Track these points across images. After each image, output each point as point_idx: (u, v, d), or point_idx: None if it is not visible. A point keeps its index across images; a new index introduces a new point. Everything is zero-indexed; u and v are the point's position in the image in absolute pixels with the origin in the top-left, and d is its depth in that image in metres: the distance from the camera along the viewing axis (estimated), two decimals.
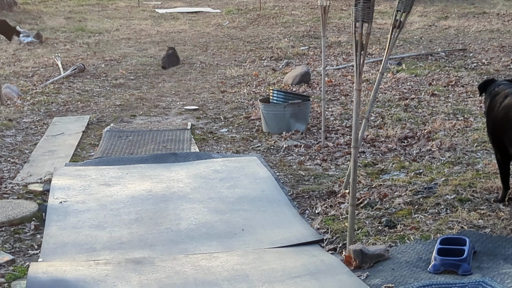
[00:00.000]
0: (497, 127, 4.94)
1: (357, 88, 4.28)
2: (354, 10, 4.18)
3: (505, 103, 4.83)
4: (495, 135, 5.02)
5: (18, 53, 12.79)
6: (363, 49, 4.21)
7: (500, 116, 4.85)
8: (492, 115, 4.97)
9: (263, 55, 12.36)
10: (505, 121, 4.81)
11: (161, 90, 9.90)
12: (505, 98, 4.87)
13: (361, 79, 4.28)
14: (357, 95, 4.27)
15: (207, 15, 19.22)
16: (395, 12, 4.71)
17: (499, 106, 4.88)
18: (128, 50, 13.18)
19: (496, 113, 4.90)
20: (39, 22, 17.22)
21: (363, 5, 4.14)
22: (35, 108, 8.67)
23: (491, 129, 5.06)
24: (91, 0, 23.02)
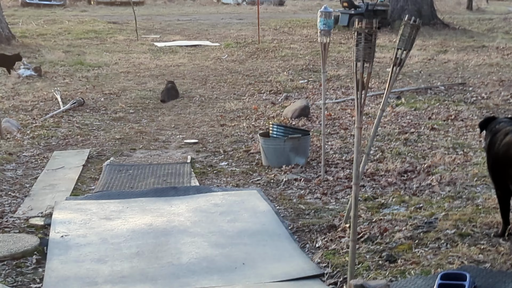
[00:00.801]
0: (497, 164, 4.99)
1: (358, 126, 4.31)
2: (355, 50, 4.22)
3: (505, 141, 4.89)
4: (495, 171, 5.06)
5: (17, 86, 12.84)
6: (364, 88, 4.25)
7: (501, 153, 4.91)
8: (493, 152, 5.03)
9: (262, 88, 12.43)
10: (505, 158, 4.86)
11: (160, 124, 9.94)
12: (505, 135, 4.92)
13: (362, 117, 4.30)
14: (358, 133, 4.30)
15: (206, 48, 19.36)
16: (396, 50, 4.77)
17: (500, 143, 4.94)
18: (127, 84, 13.24)
19: (497, 150, 4.96)
20: (37, 55, 17.31)
21: (364, 45, 4.18)
22: (35, 142, 8.69)
23: (492, 166, 5.11)
24: (90, 34, 23.21)
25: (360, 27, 4.23)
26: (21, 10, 37.09)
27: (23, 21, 28.10)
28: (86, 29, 25.01)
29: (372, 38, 4.19)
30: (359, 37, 4.21)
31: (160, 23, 28.33)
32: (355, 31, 4.25)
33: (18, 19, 28.52)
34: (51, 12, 33.99)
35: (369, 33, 4.19)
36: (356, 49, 4.24)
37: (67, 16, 32.00)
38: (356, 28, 4.24)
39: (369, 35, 4.19)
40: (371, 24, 4.22)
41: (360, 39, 4.20)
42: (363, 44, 4.20)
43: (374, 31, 4.18)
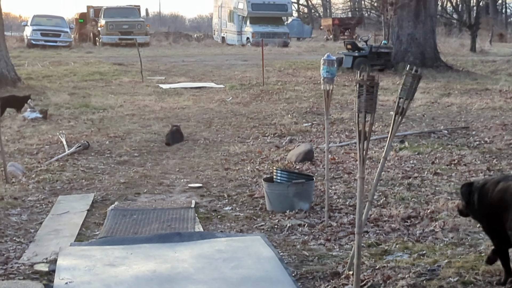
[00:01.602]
0: (492, 212, 5.02)
1: (360, 176, 4.36)
2: (357, 101, 4.29)
3: (499, 188, 4.96)
4: (491, 222, 5.10)
5: (22, 129, 12.93)
6: (366, 138, 4.31)
7: (495, 200, 4.98)
8: (486, 202, 5.08)
9: (266, 131, 12.50)
10: (501, 203, 4.91)
11: (165, 167, 9.99)
12: (497, 184, 5.01)
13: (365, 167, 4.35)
14: (360, 183, 4.35)
15: (211, 90, 19.50)
16: (398, 99, 4.83)
17: (492, 192, 5.01)
18: (132, 127, 13.32)
19: (491, 199, 5.02)
20: (43, 98, 17.46)
21: (366, 96, 4.25)
22: (40, 186, 8.74)
23: (487, 217, 5.15)
24: (95, 75, 23.42)
25: (361, 79, 4.31)
26: (27, 51, 37.44)
27: (28, 62, 28.37)
28: (91, 70, 25.24)
29: (373, 90, 4.26)
30: (360, 89, 4.28)
31: (165, 65, 28.57)
32: (357, 83, 4.32)
33: (24, 60, 28.79)
34: (57, 53, 34.28)
35: (370, 85, 4.26)
36: (358, 101, 4.31)
37: (73, 57, 32.30)
38: (358, 80, 4.32)
39: (370, 87, 4.26)
40: (373, 76, 4.29)
41: (362, 90, 4.27)
42: (365, 96, 4.28)
43: (376, 83, 4.25)
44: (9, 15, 67.25)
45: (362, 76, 4.28)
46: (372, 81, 4.25)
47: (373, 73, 4.33)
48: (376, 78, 4.26)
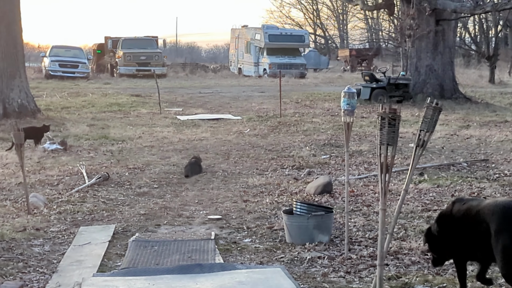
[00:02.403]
0: (457, 233, 5.47)
1: (382, 208, 4.40)
2: (379, 134, 4.34)
3: (462, 211, 5.42)
4: (455, 242, 5.55)
5: (43, 160, 13.04)
6: (388, 171, 4.35)
7: (460, 221, 5.43)
8: (450, 227, 5.55)
9: (284, 163, 12.54)
10: (465, 222, 5.35)
11: (184, 199, 10.04)
12: (458, 210, 5.42)
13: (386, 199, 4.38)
14: (382, 215, 4.38)
15: (228, 122, 19.61)
16: (419, 131, 4.87)
17: (454, 217, 5.49)
18: (151, 158, 13.40)
19: (455, 222, 5.49)
20: (62, 129, 17.61)
21: (388, 129, 4.30)
22: (61, 217, 8.81)
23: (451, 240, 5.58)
24: (113, 107, 23.61)
25: (384, 111, 4.36)
26: (45, 82, 37.81)
27: (47, 93, 28.65)
28: (109, 102, 25.46)
29: (395, 122, 4.31)
30: (383, 122, 4.33)
31: (182, 96, 28.76)
32: (379, 116, 4.37)
33: (43, 92, 29.08)
34: (75, 85, 34.62)
35: (392, 118, 4.31)
36: (380, 133, 4.36)
37: (91, 88, 32.59)
38: (380, 112, 4.37)
39: (392, 120, 4.31)
40: (395, 109, 4.34)
41: (384, 123, 4.32)
42: (387, 129, 4.32)
43: (398, 116, 4.30)
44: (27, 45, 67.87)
45: (384, 109, 4.33)
46: (394, 114, 4.30)
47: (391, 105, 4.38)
48: (398, 111, 4.31)
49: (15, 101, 18.95)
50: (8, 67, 18.91)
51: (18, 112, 18.76)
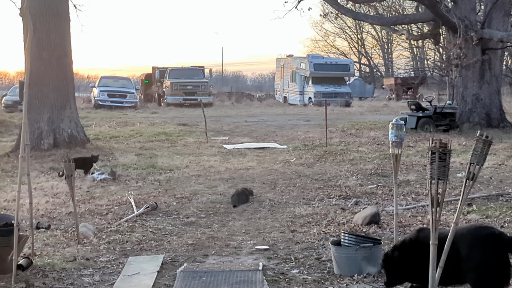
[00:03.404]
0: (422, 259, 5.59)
1: (433, 243, 4.37)
2: (430, 168, 4.33)
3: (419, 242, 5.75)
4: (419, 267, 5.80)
5: (92, 190, 13.22)
6: (439, 205, 4.33)
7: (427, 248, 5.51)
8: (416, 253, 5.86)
9: (331, 193, 12.51)
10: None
11: (231, 229, 10.07)
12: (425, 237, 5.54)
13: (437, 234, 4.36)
14: (433, 249, 4.36)
15: (274, 151, 19.64)
16: (469, 164, 4.85)
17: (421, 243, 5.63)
18: (198, 187, 13.49)
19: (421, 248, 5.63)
20: (111, 158, 17.82)
21: (438, 164, 4.29)
22: (110, 247, 8.91)
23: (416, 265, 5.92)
24: (161, 136, 23.86)
25: (434, 146, 4.35)
26: (94, 112, 38.41)
27: (96, 123, 29.08)
28: (157, 131, 25.73)
29: (446, 157, 4.30)
30: (433, 156, 4.32)
31: (228, 125, 28.94)
32: (429, 150, 4.37)
33: (92, 121, 29.55)
34: (123, 114, 35.08)
35: (443, 152, 4.30)
36: (431, 167, 4.35)
37: (138, 118, 33.00)
38: (430, 147, 4.37)
39: (443, 154, 4.30)
40: (445, 143, 4.34)
41: (434, 158, 4.31)
42: (437, 163, 4.31)
43: (448, 150, 4.29)
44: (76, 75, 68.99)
45: (434, 143, 4.32)
46: (444, 148, 4.29)
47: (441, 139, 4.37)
48: (449, 145, 4.30)
49: (65, 131, 19.26)
50: (58, 98, 19.26)
51: (68, 142, 19.06)
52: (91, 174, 14.52)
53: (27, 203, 8.75)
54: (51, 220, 10.53)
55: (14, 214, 7.63)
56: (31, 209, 8.33)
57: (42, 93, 18.84)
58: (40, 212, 11.07)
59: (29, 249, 8.37)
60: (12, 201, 11.84)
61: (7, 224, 7.71)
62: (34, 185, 12.34)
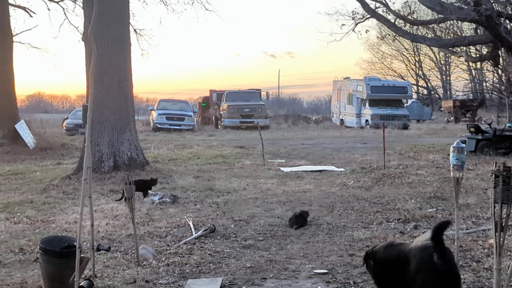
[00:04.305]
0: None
1: (497, 268, 4.31)
2: (493, 192, 4.28)
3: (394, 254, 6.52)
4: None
5: (151, 212, 13.35)
6: (503, 230, 4.27)
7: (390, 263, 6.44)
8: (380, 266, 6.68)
9: (390, 216, 12.41)
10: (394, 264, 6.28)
11: (289, 252, 10.05)
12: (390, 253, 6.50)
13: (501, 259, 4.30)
14: (497, 275, 4.30)
15: (331, 173, 19.58)
16: None
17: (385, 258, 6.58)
18: (255, 210, 13.51)
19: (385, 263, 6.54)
20: (169, 181, 17.98)
21: (502, 187, 4.23)
22: (169, 269, 8.97)
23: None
24: (218, 158, 24.00)
25: (498, 169, 4.30)
26: (153, 134, 38.89)
27: (155, 145, 29.42)
28: (214, 153, 25.91)
29: (510, 180, 4.24)
30: (496, 180, 4.26)
31: (285, 147, 28.97)
32: (492, 174, 4.31)
33: (150, 144, 29.92)
34: (181, 137, 35.42)
35: (507, 176, 4.24)
36: (494, 191, 4.29)
37: (196, 140, 33.28)
38: (494, 170, 4.31)
39: (507, 178, 4.24)
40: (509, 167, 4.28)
41: (498, 181, 4.25)
42: (501, 187, 4.25)
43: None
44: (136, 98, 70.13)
45: (498, 167, 4.27)
46: (508, 172, 4.23)
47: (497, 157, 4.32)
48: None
49: (125, 154, 19.51)
50: (119, 121, 19.55)
51: (127, 165, 19.29)
52: (150, 197, 14.67)
53: (88, 225, 8.89)
54: (111, 242, 10.67)
55: (76, 236, 7.76)
56: (92, 231, 8.46)
57: (103, 116, 19.15)
58: (101, 234, 11.22)
59: (90, 271, 8.48)
60: (74, 223, 12.06)
61: (68, 246, 7.85)
62: (94, 207, 12.52)
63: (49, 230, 11.81)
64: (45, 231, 11.63)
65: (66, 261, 7.64)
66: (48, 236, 9.78)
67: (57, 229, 11.88)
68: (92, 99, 8.48)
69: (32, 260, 9.55)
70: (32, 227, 12.17)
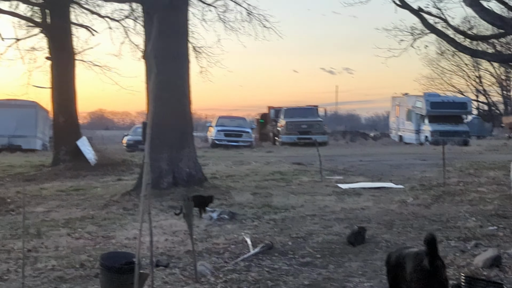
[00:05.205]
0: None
1: None
2: None
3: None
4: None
5: (209, 229, 13.42)
6: None
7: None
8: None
9: (450, 235, 12.22)
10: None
11: (348, 270, 9.98)
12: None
13: None
14: None
15: (390, 190, 19.40)
16: None
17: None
18: (313, 227, 13.46)
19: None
20: (227, 197, 18.05)
21: None
22: (227, 286, 9.00)
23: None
24: (276, 175, 24.02)
25: None
26: (211, 151, 39.17)
27: (213, 162, 29.59)
28: (272, 170, 25.95)
29: None
30: None
31: (343, 164, 28.86)
32: None
33: (208, 160, 30.10)
34: (239, 153, 35.59)
35: None
36: None
37: (254, 157, 33.39)
38: None
39: None
40: None
41: None
42: None
43: None
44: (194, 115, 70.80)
45: None
46: None
47: None
48: None
49: (184, 170, 19.67)
50: (177, 138, 19.74)
51: (186, 181, 19.43)
52: (208, 213, 14.74)
53: (147, 241, 8.97)
54: (170, 258, 10.75)
55: (135, 252, 7.85)
56: (151, 247, 8.54)
57: (162, 133, 19.34)
58: (160, 250, 11.32)
59: (149, 287, 8.56)
60: (133, 239, 12.20)
61: (128, 262, 7.95)
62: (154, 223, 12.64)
63: (109, 245, 11.98)
64: (105, 247, 11.79)
65: (126, 277, 7.75)
66: (108, 252, 9.94)
67: (117, 244, 12.04)
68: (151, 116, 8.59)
69: (93, 276, 9.70)
70: (93, 242, 12.35)
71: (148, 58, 15.25)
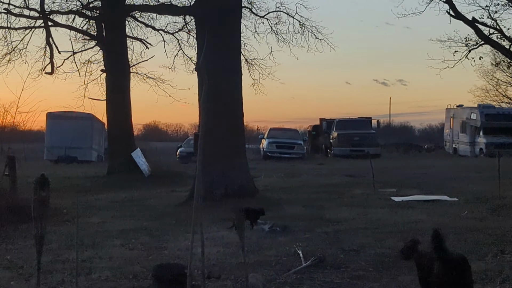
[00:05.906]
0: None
1: None
2: None
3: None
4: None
5: (261, 241, 13.41)
6: None
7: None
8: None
9: (505, 249, 12.02)
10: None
11: (401, 284, 9.90)
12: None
13: None
14: None
15: (444, 203, 19.18)
16: None
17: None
18: (366, 240, 13.37)
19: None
20: (279, 209, 18.03)
21: None
22: None
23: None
24: (328, 187, 23.94)
25: None
26: (263, 163, 39.21)
27: (265, 174, 29.62)
28: (324, 182, 25.86)
29: None
30: None
31: (396, 176, 28.58)
32: None
33: (260, 172, 30.14)
34: (291, 165, 35.56)
35: None
36: None
37: (305, 169, 33.34)
38: None
39: None
40: None
41: None
42: None
43: None
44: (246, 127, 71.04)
45: None
46: None
47: None
48: None
49: (236, 182, 19.75)
50: (229, 150, 19.84)
51: (238, 193, 19.48)
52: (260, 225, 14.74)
53: (199, 252, 9.01)
54: (221, 270, 10.77)
55: (187, 263, 7.89)
56: (203, 259, 8.56)
57: (214, 145, 19.45)
58: (211, 262, 11.36)
59: None
60: (185, 250, 12.25)
61: (180, 274, 8.00)
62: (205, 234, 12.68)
63: (162, 256, 12.07)
64: (158, 258, 11.89)
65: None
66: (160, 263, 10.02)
67: (170, 256, 12.13)
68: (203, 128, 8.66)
69: (145, 287, 9.77)
70: (146, 253, 12.46)
71: (200, 71, 15.37)
